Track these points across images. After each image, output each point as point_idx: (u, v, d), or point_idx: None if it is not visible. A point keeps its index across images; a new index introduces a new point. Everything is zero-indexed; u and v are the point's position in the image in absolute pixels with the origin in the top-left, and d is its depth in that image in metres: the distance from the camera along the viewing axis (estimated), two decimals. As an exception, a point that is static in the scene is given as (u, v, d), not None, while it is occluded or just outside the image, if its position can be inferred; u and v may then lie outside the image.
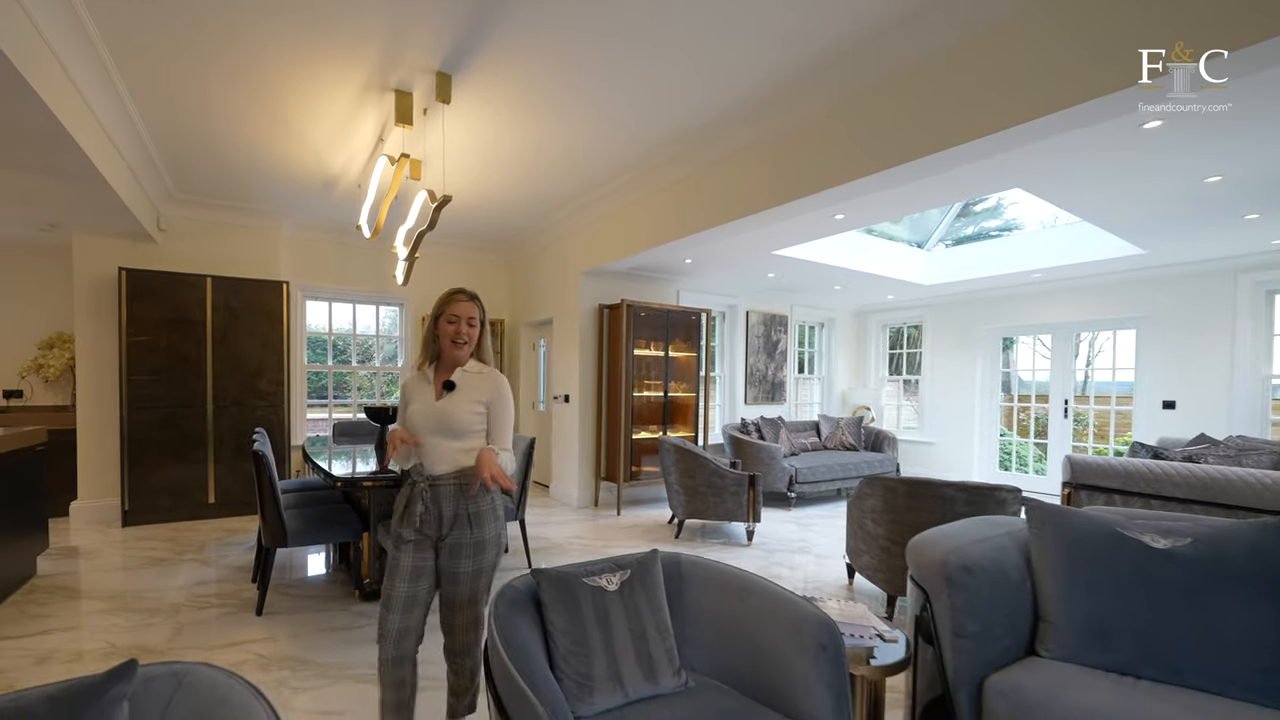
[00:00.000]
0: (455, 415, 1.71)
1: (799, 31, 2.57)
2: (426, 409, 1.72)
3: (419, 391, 1.76)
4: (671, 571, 1.72)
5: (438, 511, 1.69)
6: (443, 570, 1.73)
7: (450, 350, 1.74)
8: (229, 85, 3.08)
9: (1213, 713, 1.31)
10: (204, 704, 0.98)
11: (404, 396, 1.80)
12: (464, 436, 1.73)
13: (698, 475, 4.31)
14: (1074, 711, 1.38)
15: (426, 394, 1.75)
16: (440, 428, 1.71)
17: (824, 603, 1.83)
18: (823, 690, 1.37)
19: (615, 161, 4.09)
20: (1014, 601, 1.66)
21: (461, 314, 1.73)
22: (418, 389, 1.77)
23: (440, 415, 1.71)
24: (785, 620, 1.48)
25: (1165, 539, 1.56)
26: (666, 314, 5.54)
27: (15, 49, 2.17)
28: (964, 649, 1.58)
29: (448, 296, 1.76)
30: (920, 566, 1.74)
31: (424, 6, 2.44)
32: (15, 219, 4.38)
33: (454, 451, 1.72)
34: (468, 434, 1.73)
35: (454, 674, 1.81)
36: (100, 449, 4.69)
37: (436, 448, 1.72)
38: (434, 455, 1.72)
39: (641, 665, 1.43)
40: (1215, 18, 1.76)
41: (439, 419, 1.71)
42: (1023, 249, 5.72)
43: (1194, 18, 1.81)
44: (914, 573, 1.78)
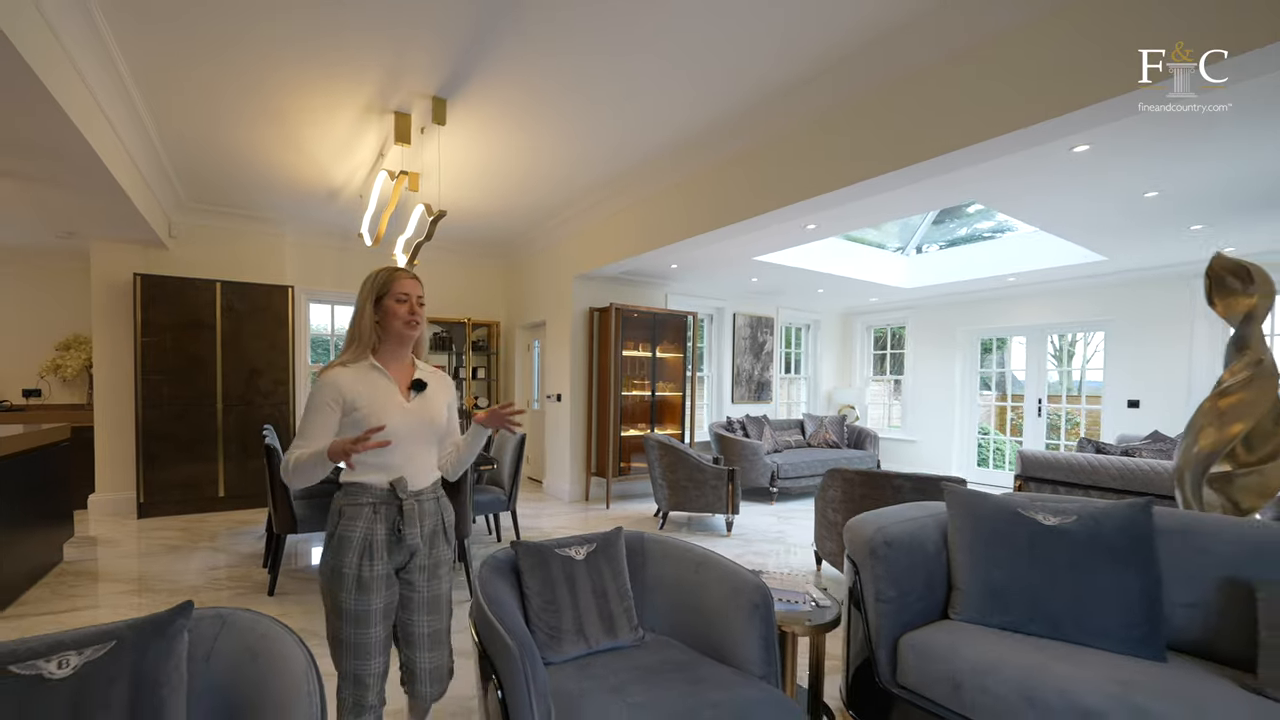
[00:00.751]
0: (441, 419, 1.51)
1: (780, 53, 2.78)
2: (406, 414, 1.44)
3: (374, 391, 1.41)
4: (635, 548, 1.98)
5: (420, 531, 1.46)
6: (415, 597, 1.47)
7: (401, 335, 1.46)
8: (241, 105, 3.33)
9: (1078, 659, 1.57)
10: (246, 637, 1.24)
11: (336, 396, 1.38)
12: (443, 443, 1.56)
13: (680, 470, 4.57)
14: (966, 661, 1.64)
15: (389, 394, 1.43)
16: (428, 434, 1.48)
17: (768, 574, 2.09)
18: (756, 642, 1.62)
19: (601, 174, 4.35)
20: (929, 572, 1.93)
21: (412, 292, 1.47)
22: (369, 388, 1.41)
23: (427, 419, 1.48)
24: (729, 586, 1.74)
25: (1055, 517, 1.82)
26: (654, 316, 5.79)
27: (51, 77, 2.42)
28: (884, 612, 1.84)
29: (391, 273, 1.47)
30: (852, 543, 1.99)
31: (421, 38, 2.70)
32: (37, 228, 4.64)
33: (433, 460, 1.53)
34: (445, 440, 1.56)
35: (420, 711, 1.58)
36: (117, 445, 4.95)
37: (418, 458, 1.47)
38: (416, 466, 1.46)
39: (603, 622, 1.69)
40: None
41: (426, 424, 1.47)
42: (997, 254, 5.98)
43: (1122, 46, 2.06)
44: (848, 549, 2.03)
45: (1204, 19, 1.83)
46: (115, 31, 2.67)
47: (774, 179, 3.48)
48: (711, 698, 1.43)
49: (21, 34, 2.12)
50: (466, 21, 2.55)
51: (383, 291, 1.45)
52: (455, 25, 2.58)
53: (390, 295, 1.45)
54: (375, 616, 1.40)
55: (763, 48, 2.71)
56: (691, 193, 4.08)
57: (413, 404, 1.46)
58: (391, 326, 1.45)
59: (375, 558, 1.40)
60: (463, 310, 6.83)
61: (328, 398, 1.38)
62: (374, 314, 1.45)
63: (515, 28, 2.58)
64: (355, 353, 1.44)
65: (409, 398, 1.46)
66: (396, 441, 1.39)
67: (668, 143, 3.76)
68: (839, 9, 2.41)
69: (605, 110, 3.36)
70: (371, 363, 1.44)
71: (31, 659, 1.04)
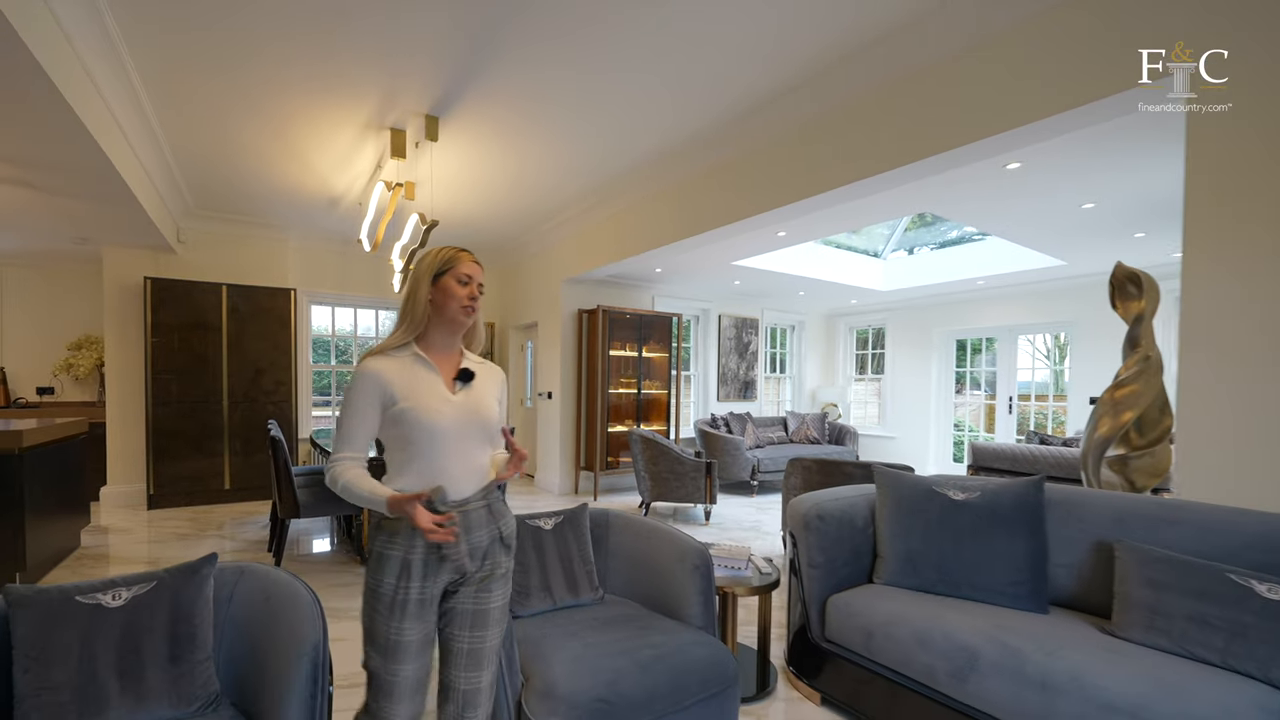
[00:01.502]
0: (491, 414, 1.33)
1: (756, 76, 3.02)
2: (452, 408, 1.27)
3: (416, 382, 1.26)
4: (600, 522, 2.24)
5: (466, 547, 1.27)
6: (461, 615, 1.30)
7: (455, 320, 1.31)
8: (248, 119, 3.59)
9: (969, 611, 1.83)
10: (262, 583, 1.50)
11: (377, 391, 1.24)
12: (493, 441, 1.35)
13: (661, 463, 4.84)
14: (879, 615, 1.91)
15: (434, 385, 1.28)
16: (476, 431, 1.30)
17: (718, 546, 2.35)
18: (696, 598, 1.89)
19: (587, 184, 4.62)
20: (856, 543, 2.19)
21: (475, 275, 1.32)
22: (412, 379, 1.26)
23: (475, 414, 1.30)
24: (676, 551, 2.00)
25: (963, 493, 2.09)
26: (640, 318, 6.06)
27: (76, 99, 2.68)
28: (815, 576, 2.11)
29: (456, 253, 1.32)
30: (792, 519, 2.26)
31: (415, 63, 2.96)
32: (54, 234, 4.91)
33: (484, 461, 1.33)
34: (494, 438, 1.35)
35: None
36: (128, 440, 5.21)
37: (465, 459, 1.28)
38: (461, 469, 1.27)
39: (567, 582, 1.95)
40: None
41: (474, 419, 1.29)
42: (968, 258, 6.25)
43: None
44: (789, 524, 2.30)
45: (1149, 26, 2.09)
46: (134, 60, 2.94)
47: (746, 189, 3.74)
48: (653, 640, 1.70)
49: (54, 65, 2.39)
50: (456, 47, 2.81)
51: (445, 268, 1.30)
52: (446, 51, 2.84)
53: (452, 274, 1.29)
54: (409, 651, 1.23)
55: (743, 67, 2.96)
56: (672, 201, 4.35)
57: (459, 396, 1.29)
58: (447, 309, 1.29)
59: (413, 578, 1.23)
60: (458, 312, 7.08)
61: (368, 393, 1.24)
62: (429, 292, 1.29)
63: (501, 52, 2.84)
64: (402, 335, 1.29)
65: (454, 389, 1.30)
66: (441, 440, 1.24)
67: (650, 154, 4.03)
68: (819, 22, 2.68)
69: (590, 125, 3.62)
70: (415, 352, 1.29)
71: (92, 592, 1.31)
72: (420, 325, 1.30)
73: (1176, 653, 1.55)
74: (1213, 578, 1.56)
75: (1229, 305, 1.84)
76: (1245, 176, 1.81)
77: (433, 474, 1.25)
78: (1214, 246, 1.88)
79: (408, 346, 1.30)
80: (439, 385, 1.28)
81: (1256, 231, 1.79)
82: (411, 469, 1.25)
